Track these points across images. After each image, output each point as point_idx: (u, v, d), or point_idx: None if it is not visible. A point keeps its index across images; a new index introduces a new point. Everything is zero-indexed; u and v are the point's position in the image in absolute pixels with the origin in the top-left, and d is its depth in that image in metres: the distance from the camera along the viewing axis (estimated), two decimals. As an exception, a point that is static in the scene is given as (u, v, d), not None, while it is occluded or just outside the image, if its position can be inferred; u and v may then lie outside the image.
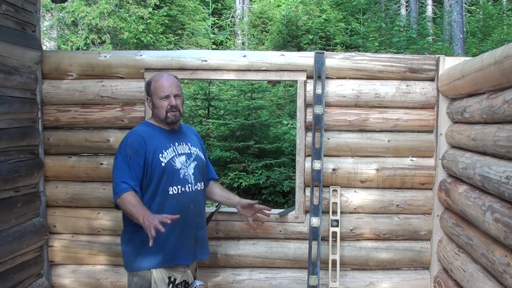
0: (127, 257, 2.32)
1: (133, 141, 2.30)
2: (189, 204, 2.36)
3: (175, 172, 2.31)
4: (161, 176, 2.27)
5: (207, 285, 3.11)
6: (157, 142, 2.32)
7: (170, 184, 2.29)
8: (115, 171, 2.27)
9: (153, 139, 2.32)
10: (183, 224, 2.32)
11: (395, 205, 3.09)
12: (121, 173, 2.24)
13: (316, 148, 3.00)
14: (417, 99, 3.05)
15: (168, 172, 2.29)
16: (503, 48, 2.02)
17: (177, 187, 2.31)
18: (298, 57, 3.06)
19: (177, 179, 2.31)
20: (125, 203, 2.17)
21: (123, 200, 2.17)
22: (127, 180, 2.22)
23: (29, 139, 2.87)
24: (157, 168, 2.27)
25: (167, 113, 2.34)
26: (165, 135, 2.37)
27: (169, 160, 2.30)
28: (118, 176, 2.24)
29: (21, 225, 2.76)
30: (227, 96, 8.29)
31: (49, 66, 3.05)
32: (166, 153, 2.31)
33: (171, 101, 2.33)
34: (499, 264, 2.03)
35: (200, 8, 13.27)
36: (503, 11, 15.67)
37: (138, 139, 2.29)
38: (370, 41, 9.73)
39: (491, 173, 2.10)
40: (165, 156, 2.30)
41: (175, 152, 2.34)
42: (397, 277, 3.14)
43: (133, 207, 2.13)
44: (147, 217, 2.03)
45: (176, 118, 2.37)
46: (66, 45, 10.84)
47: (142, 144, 2.27)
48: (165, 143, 2.34)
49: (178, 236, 2.30)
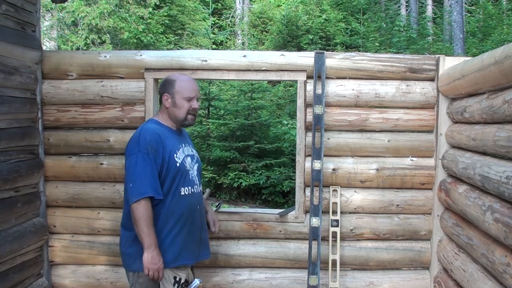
0: (132, 258, 2.27)
1: (152, 139, 2.22)
2: (196, 205, 2.38)
3: (187, 173, 2.32)
4: (175, 176, 2.26)
5: (207, 285, 3.11)
6: (171, 142, 2.30)
7: (183, 184, 2.29)
8: (137, 169, 2.17)
9: (167, 138, 2.30)
10: (191, 225, 2.34)
11: (395, 205, 3.09)
12: (144, 172, 2.16)
13: (316, 148, 3.00)
14: (417, 99, 3.05)
15: (181, 172, 2.29)
16: (503, 48, 2.02)
17: (188, 188, 2.32)
18: (298, 57, 3.06)
19: (188, 180, 2.32)
20: (141, 212, 2.12)
21: (142, 206, 2.12)
22: (151, 183, 2.16)
23: (29, 139, 2.87)
24: (172, 168, 2.25)
25: (188, 115, 2.34)
26: (174, 135, 2.37)
27: (182, 161, 2.31)
28: (141, 175, 2.16)
29: (21, 225, 2.75)
30: (227, 96, 8.29)
31: (49, 66, 3.05)
32: (179, 153, 2.31)
33: (194, 104, 2.35)
34: (499, 264, 2.03)
35: (200, 8, 13.28)
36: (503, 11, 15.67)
37: (157, 137, 2.24)
38: (370, 41, 9.73)
39: (491, 173, 2.10)
40: (179, 157, 2.30)
41: (184, 153, 2.35)
42: (397, 277, 3.14)
43: (149, 225, 2.13)
44: (154, 259, 2.13)
45: (193, 122, 2.40)
46: (66, 45, 10.85)
47: (160, 143, 2.24)
48: (176, 143, 2.34)
49: (185, 236, 2.31)
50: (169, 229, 2.25)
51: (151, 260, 2.13)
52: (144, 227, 2.12)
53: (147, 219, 2.13)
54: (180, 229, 2.27)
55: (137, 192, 2.14)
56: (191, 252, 2.36)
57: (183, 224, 2.29)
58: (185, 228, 2.30)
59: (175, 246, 2.26)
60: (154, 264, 2.13)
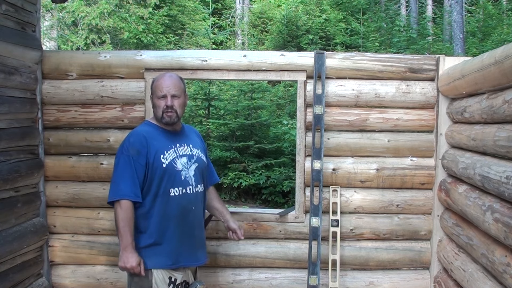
0: None
1: (135, 141, 2.27)
2: (190, 206, 2.36)
3: (176, 173, 2.30)
4: (162, 178, 2.26)
5: (206, 285, 3.11)
6: (158, 143, 2.30)
7: (172, 185, 2.28)
8: (117, 171, 2.25)
9: (155, 139, 2.30)
10: (184, 226, 2.33)
11: (395, 205, 3.09)
12: (123, 174, 2.23)
13: (316, 148, 3.00)
14: (417, 99, 3.05)
15: (169, 173, 2.27)
16: (503, 48, 2.02)
17: (179, 189, 2.30)
18: (298, 57, 3.06)
19: (179, 181, 2.30)
20: (118, 213, 2.19)
21: (119, 208, 2.18)
22: (128, 185, 2.21)
23: (29, 139, 2.87)
24: (158, 169, 2.25)
25: (163, 113, 2.30)
26: (166, 135, 2.35)
27: (170, 161, 2.29)
28: (120, 177, 2.23)
29: (21, 225, 2.75)
30: (227, 96, 8.29)
31: (49, 66, 3.05)
32: (167, 154, 2.30)
33: (167, 101, 2.28)
34: (499, 264, 2.03)
35: (200, 8, 13.28)
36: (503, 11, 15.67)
37: (140, 139, 2.27)
38: (370, 41, 9.73)
39: (491, 173, 2.10)
40: (167, 157, 2.29)
41: (176, 154, 2.33)
42: (397, 277, 3.14)
43: (124, 226, 2.18)
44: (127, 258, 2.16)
45: (171, 119, 2.31)
46: (66, 45, 10.85)
47: (144, 144, 2.25)
48: (167, 144, 2.32)
49: (178, 237, 2.30)
50: (161, 230, 2.26)
51: (124, 259, 2.17)
52: (121, 228, 2.18)
53: (124, 219, 2.17)
54: (173, 230, 2.27)
55: (115, 193, 2.21)
56: (188, 253, 2.35)
57: (175, 225, 2.28)
58: (178, 229, 2.29)
59: (168, 247, 2.27)
60: (127, 263, 2.17)
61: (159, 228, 2.26)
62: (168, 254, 2.26)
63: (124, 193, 2.20)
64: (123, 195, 2.19)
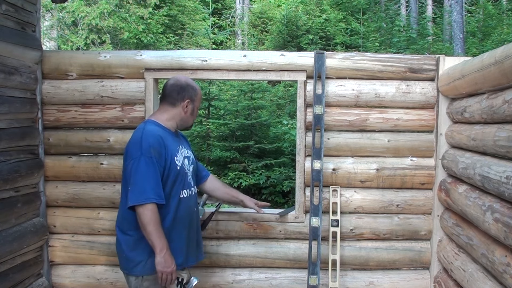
0: (134, 262, 2.23)
1: (154, 142, 2.17)
2: (193, 208, 2.38)
3: (185, 175, 2.31)
4: (175, 180, 2.24)
5: (206, 285, 3.11)
6: (171, 145, 2.27)
7: (182, 187, 2.28)
8: (139, 173, 2.12)
9: (168, 140, 2.26)
10: (190, 227, 2.34)
11: (395, 205, 3.09)
12: (147, 177, 2.11)
13: (316, 148, 3.00)
14: (417, 99, 3.05)
15: (181, 175, 2.27)
16: (503, 48, 2.02)
17: (187, 191, 2.31)
18: (298, 57, 3.06)
19: (187, 183, 2.31)
20: (148, 216, 2.07)
21: (149, 210, 2.08)
22: (154, 187, 2.12)
23: (29, 139, 2.87)
24: (173, 170, 2.22)
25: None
26: (172, 137, 2.34)
27: (181, 163, 2.29)
28: (144, 179, 2.11)
29: (21, 225, 2.75)
30: (227, 96, 8.29)
31: (49, 66, 3.05)
32: (178, 155, 2.29)
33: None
34: (499, 264, 2.03)
35: (200, 8, 13.28)
36: (503, 11, 15.67)
37: (159, 140, 2.19)
38: (370, 41, 9.73)
39: (491, 173, 2.10)
40: (179, 159, 2.28)
41: (182, 155, 2.33)
42: (397, 277, 3.14)
43: (157, 228, 2.09)
44: (168, 262, 2.10)
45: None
46: (66, 45, 10.86)
47: (162, 145, 2.19)
48: (175, 146, 2.31)
49: (186, 238, 2.31)
50: (172, 232, 2.24)
51: (165, 263, 2.10)
52: (154, 231, 2.08)
53: (156, 223, 2.09)
54: (182, 232, 2.28)
55: (141, 196, 2.10)
56: (192, 254, 2.37)
57: (184, 227, 2.29)
58: (185, 230, 2.30)
59: (178, 248, 2.26)
60: (168, 267, 2.11)
61: (171, 230, 2.23)
62: (178, 255, 2.24)
63: (151, 196, 2.10)
64: (150, 198, 2.10)
